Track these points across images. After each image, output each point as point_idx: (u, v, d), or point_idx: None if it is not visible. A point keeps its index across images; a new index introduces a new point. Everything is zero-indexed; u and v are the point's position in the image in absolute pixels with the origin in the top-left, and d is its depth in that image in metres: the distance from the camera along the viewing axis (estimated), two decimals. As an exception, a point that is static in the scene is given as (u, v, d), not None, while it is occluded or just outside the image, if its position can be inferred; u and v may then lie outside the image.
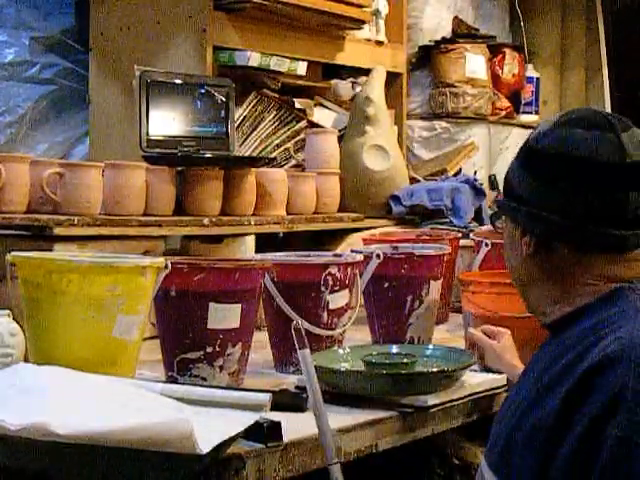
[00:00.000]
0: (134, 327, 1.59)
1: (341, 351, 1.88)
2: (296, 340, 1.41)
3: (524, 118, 4.27)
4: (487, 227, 2.88)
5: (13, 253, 1.61)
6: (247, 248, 2.55)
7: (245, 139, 3.03)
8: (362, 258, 2.05)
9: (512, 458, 1.20)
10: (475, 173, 3.40)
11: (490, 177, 3.71)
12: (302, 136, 3.09)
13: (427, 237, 2.65)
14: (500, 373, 1.83)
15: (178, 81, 2.69)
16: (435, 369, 1.76)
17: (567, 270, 1.28)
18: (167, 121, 2.66)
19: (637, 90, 4.55)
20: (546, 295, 1.32)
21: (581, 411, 1.11)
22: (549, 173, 1.26)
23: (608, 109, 4.54)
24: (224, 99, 2.76)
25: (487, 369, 1.87)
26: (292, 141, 3.12)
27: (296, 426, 1.45)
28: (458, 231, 2.84)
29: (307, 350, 1.40)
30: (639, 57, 4.66)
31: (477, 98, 3.91)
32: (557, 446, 1.12)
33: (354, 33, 3.41)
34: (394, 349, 1.89)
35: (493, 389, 1.80)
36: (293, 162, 3.09)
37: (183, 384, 1.61)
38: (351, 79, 3.47)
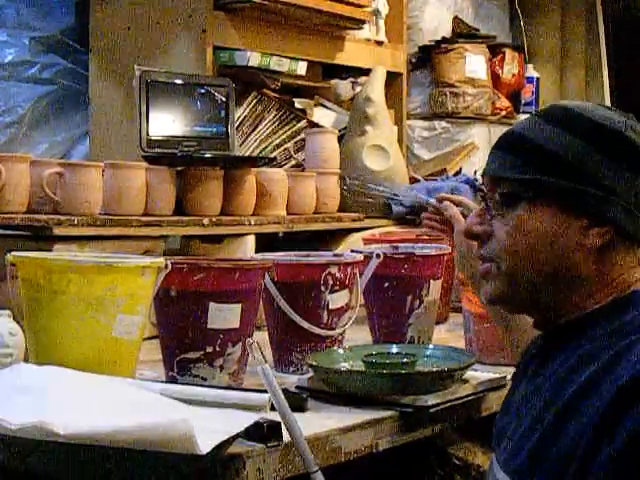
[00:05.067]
0: (134, 327, 1.59)
1: (341, 351, 1.88)
2: (254, 356, 1.39)
3: (524, 118, 4.27)
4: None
5: (13, 253, 1.61)
6: (247, 248, 2.55)
7: (245, 139, 3.03)
8: (362, 258, 2.05)
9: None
10: (475, 173, 3.40)
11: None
12: (302, 136, 3.09)
13: (427, 237, 2.65)
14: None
15: (178, 81, 2.69)
16: (435, 369, 1.76)
17: (617, 266, 1.20)
18: (167, 121, 2.66)
19: (637, 90, 4.55)
20: (579, 294, 1.20)
21: (614, 439, 1.03)
22: (637, 166, 1.19)
23: (608, 109, 4.53)
24: (224, 99, 2.76)
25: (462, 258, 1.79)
26: (292, 141, 3.12)
27: (296, 426, 1.45)
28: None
29: (266, 365, 1.37)
30: (639, 57, 4.66)
31: (477, 98, 3.91)
32: (589, 473, 1.06)
33: (354, 33, 3.41)
34: (394, 349, 1.89)
35: (493, 389, 1.80)
36: (293, 162, 3.10)
37: (183, 384, 1.61)
38: (351, 79, 3.47)
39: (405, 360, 1.75)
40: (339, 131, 3.20)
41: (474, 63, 3.93)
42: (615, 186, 1.17)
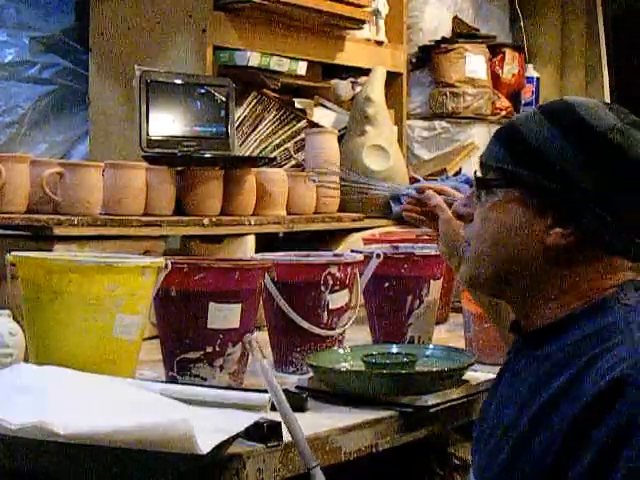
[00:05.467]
0: (134, 327, 1.59)
1: (341, 351, 1.88)
2: (252, 353, 1.38)
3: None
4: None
5: (13, 253, 1.61)
6: (247, 248, 2.55)
7: (245, 139, 3.03)
8: (362, 258, 2.05)
9: None
10: (475, 173, 3.40)
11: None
12: (302, 136, 3.09)
13: (427, 237, 2.65)
14: None
15: (178, 81, 2.69)
16: (435, 369, 1.76)
17: (584, 271, 1.18)
18: (167, 121, 2.66)
19: (637, 90, 4.55)
20: (543, 296, 1.20)
21: (587, 446, 1.03)
22: (617, 172, 1.15)
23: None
24: (224, 99, 2.76)
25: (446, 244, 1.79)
26: (292, 141, 3.12)
27: (296, 426, 1.44)
28: (458, 231, 2.83)
29: (265, 361, 1.37)
30: (639, 57, 4.67)
31: (477, 98, 3.91)
32: None
33: (354, 33, 3.41)
34: (394, 349, 1.89)
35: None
36: (293, 162, 3.10)
37: (183, 384, 1.61)
38: (351, 79, 3.47)
39: (405, 360, 1.75)
40: (339, 131, 3.20)
41: (474, 63, 3.93)
42: (591, 189, 1.15)
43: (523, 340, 1.25)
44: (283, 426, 1.38)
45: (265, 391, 1.43)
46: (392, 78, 3.59)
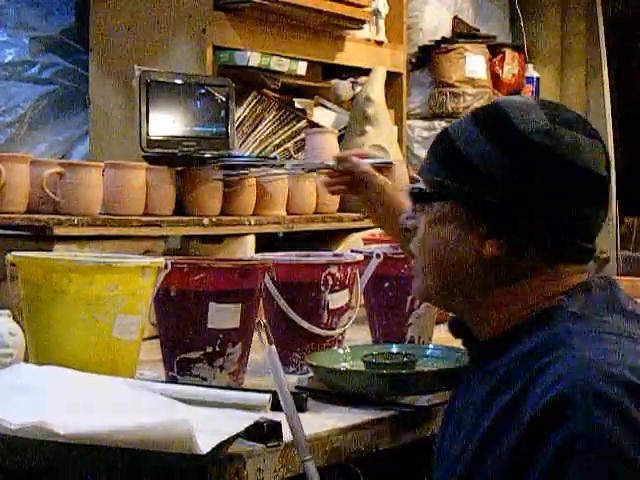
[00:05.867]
0: (134, 327, 1.59)
1: (341, 351, 1.87)
2: (261, 337, 1.37)
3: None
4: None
5: (13, 253, 1.61)
6: (247, 248, 2.55)
7: (245, 139, 3.03)
8: (362, 258, 2.05)
9: None
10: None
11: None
12: (302, 136, 3.09)
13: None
14: None
15: (178, 81, 2.69)
16: (435, 369, 1.76)
17: (528, 280, 1.15)
18: (167, 121, 2.65)
19: (637, 90, 4.56)
20: (489, 307, 1.17)
21: (532, 468, 1.00)
22: (547, 176, 1.12)
23: (608, 109, 4.54)
24: (224, 99, 2.76)
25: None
26: (292, 141, 3.12)
27: (296, 426, 1.44)
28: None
29: (273, 346, 1.36)
30: (639, 57, 4.67)
31: (477, 98, 3.91)
32: None
33: (354, 33, 3.41)
34: (394, 349, 1.89)
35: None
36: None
37: (183, 384, 1.61)
38: (351, 79, 3.47)
39: (405, 360, 1.75)
40: (339, 131, 3.20)
41: (474, 63, 3.93)
42: (522, 196, 1.12)
43: (476, 351, 1.24)
44: (284, 426, 1.38)
45: (265, 391, 1.43)
46: (392, 78, 3.59)
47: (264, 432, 1.36)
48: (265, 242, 2.63)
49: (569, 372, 1.01)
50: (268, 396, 1.42)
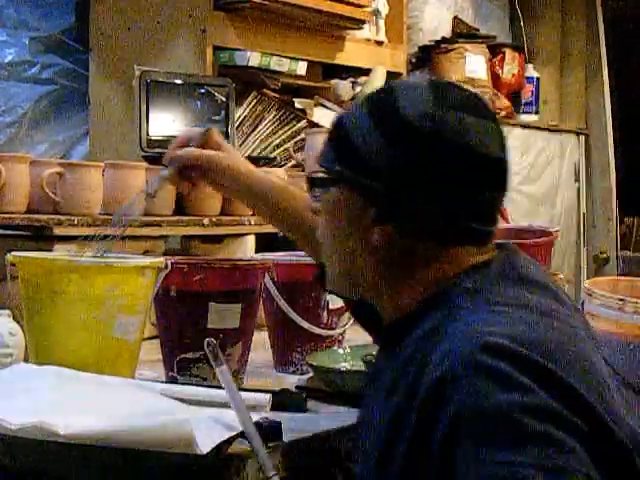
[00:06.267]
0: (134, 327, 1.59)
1: (341, 351, 1.88)
2: (211, 358, 1.35)
3: (524, 118, 4.28)
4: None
5: (13, 253, 1.61)
6: (247, 248, 2.55)
7: (245, 139, 3.03)
8: (362, 258, 2.05)
9: None
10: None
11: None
12: (302, 136, 3.08)
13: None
14: None
15: (178, 81, 2.69)
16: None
17: (423, 265, 1.13)
18: (167, 121, 2.65)
19: (637, 90, 4.56)
20: (389, 292, 1.16)
21: (427, 452, 0.98)
22: (433, 161, 1.09)
23: (608, 109, 4.55)
24: (224, 99, 2.76)
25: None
26: (292, 141, 3.11)
27: (296, 426, 1.45)
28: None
29: (224, 367, 1.35)
30: (639, 57, 4.67)
31: (477, 98, 3.91)
32: None
33: (354, 33, 3.41)
34: (394, 349, 1.89)
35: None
36: (293, 162, 3.09)
37: (183, 384, 1.61)
38: (351, 79, 3.47)
39: (405, 360, 1.75)
40: (339, 131, 3.19)
41: (474, 63, 3.94)
42: (407, 182, 1.10)
43: (381, 336, 1.24)
44: (284, 426, 1.38)
45: (265, 391, 1.43)
46: (392, 78, 3.58)
47: (264, 432, 1.36)
48: (265, 242, 2.62)
49: (453, 348, 1.00)
50: (268, 396, 1.42)
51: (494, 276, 1.11)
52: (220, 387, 1.59)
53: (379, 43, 3.57)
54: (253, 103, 3.06)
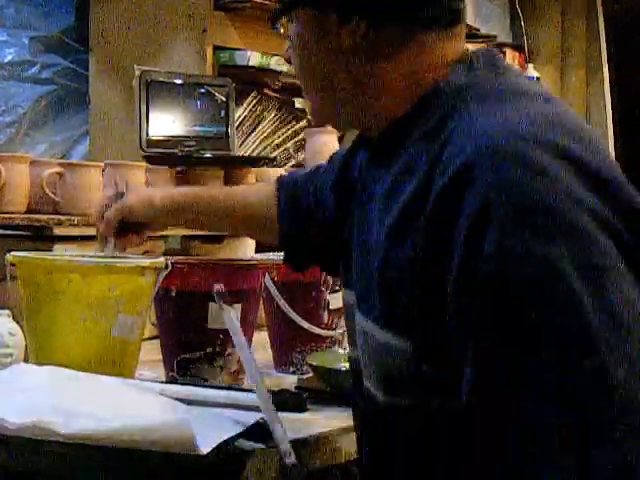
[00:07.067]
0: (134, 327, 1.59)
1: (341, 351, 1.87)
2: (218, 299, 1.34)
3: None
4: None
5: (13, 253, 1.61)
6: (247, 248, 2.55)
7: (245, 139, 3.03)
8: (362, 258, 2.05)
9: (396, 310, 1.02)
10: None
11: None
12: (302, 136, 3.09)
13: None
14: None
15: (178, 81, 2.69)
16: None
17: (405, 61, 1.09)
18: (167, 121, 2.66)
19: (638, 89, 4.55)
20: (373, 100, 1.11)
21: (446, 248, 0.92)
22: None
23: (608, 109, 4.54)
24: (224, 99, 2.76)
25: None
26: (292, 141, 3.12)
27: (296, 426, 1.45)
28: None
29: (232, 309, 1.33)
30: (639, 57, 4.67)
31: (477, 98, 3.91)
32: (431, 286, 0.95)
33: (354, 33, 3.40)
34: (394, 349, 1.89)
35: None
36: (293, 162, 3.10)
37: (183, 384, 1.61)
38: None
39: (405, 360, 1.75)
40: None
41: (474, 63, 3.93)
42: None
43: (371, 157, 1.19)
44: (284, 426, 1.38)
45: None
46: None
47: (264, 432, 1.36)
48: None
49: (470, 140, 0.95)
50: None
51: (482, 68, 1.07)
52: (220, 387, 1.59)
53: (379, 43, 3.57)
54: (253, 103, 3.06)
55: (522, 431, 0.85)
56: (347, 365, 1.80)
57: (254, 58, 2.98)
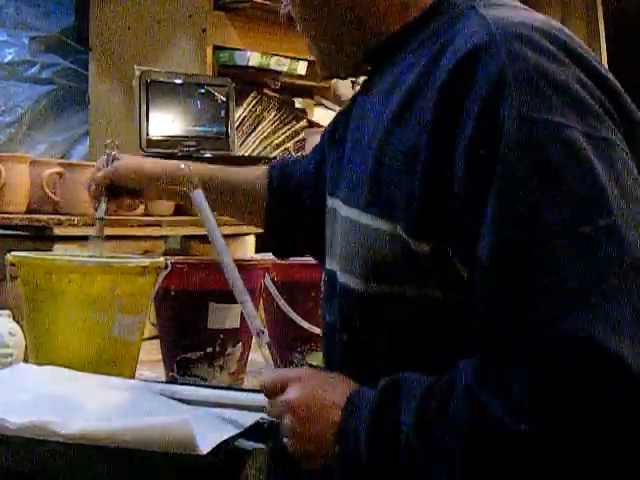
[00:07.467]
0: (134, 327, 1.59)
1: (341, 351, 1.87)
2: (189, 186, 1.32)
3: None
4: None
5: (13, 253, 1.61)
6: (247, 248, 2.55)
7: (245, 139, 3.03)
8: (362, 258, 2.05)
9: (386, 191, 1.03)
10: None
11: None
12: (302, 136, 3.09)
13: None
14: None
15: (178, 81, 2.69)
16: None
17: None
18: (167, 121, 2.66)
19: (638, 89, 4.56)
20: (370, 17, 1.13)
21: (463, 112, 0.94)
22: None
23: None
24: (224, 99, 2.77)
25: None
26: (292, 141, 3.12)
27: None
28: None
29: (199, 190, 1.31)
30: (639, 57, 4.67)
31: (477, 98, 3.91)
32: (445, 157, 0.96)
33: (354, 33, 3.41)
34: (394, 349, 1.89)
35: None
36: (293, 162, 3.10)
37: (183, 384, 1.61)
38: (351, 79, 3.47)
39: (405, 360, 1.75)
40: (339, 131, 3.20)
41: (474, 63, 3.93)
42: None
43: (368, 73, 1.19)
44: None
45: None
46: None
47: (264, 432, 1.36)
48: (265, 242, 2.62)
49: (480, 29, 0.98)
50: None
51: None
52: (220, 387, 1.59)
53: (379, 43, 3.57)
54: (253, 103, 3.06)
55: (543, 270, 0.87)
56: (347, 365, 1.81)
57: (254, 58, 2.98)
